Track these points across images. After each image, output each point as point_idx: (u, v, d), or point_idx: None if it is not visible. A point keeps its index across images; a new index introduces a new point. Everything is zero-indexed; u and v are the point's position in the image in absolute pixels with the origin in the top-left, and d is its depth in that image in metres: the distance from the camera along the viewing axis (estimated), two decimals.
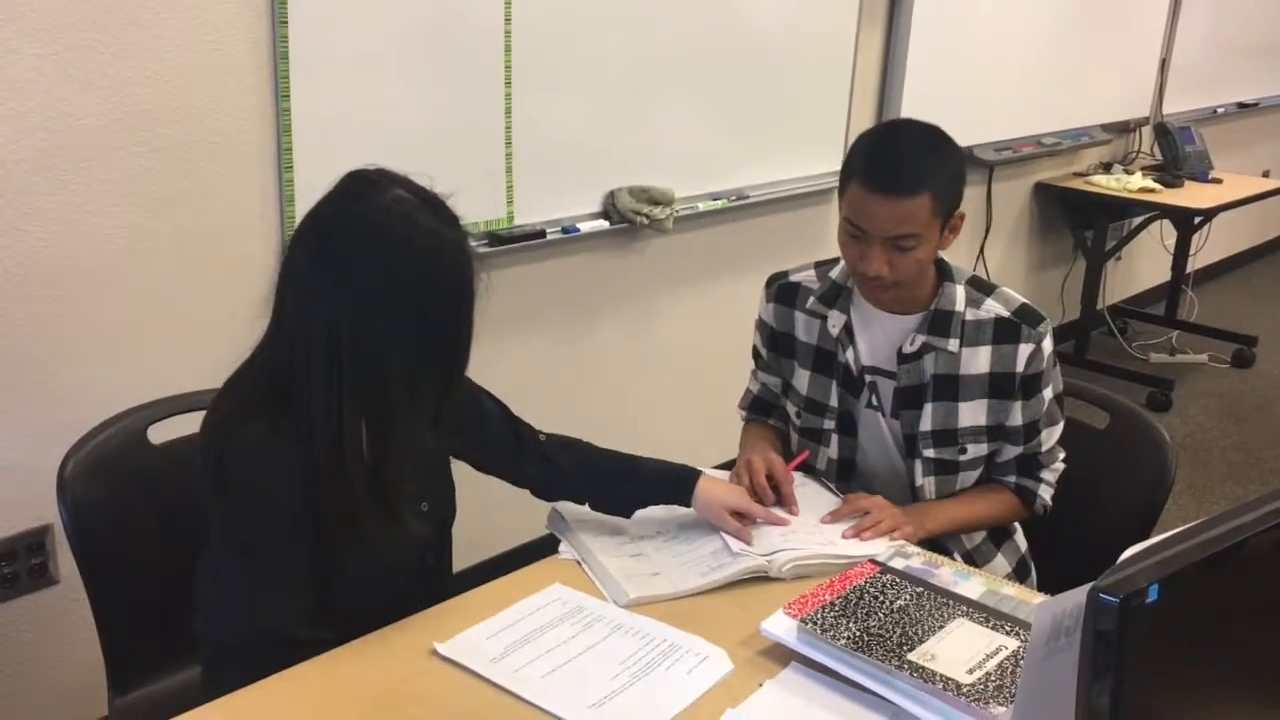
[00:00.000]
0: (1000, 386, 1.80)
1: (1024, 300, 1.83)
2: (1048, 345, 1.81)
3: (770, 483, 1.77)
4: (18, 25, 1.93)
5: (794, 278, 1.94)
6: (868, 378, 1.86)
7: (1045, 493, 1.89)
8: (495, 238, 2.71)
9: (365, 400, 1.37)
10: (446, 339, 1.40)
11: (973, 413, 1.82)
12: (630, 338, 3.25)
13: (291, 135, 2.26)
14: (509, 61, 2.63)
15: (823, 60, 3.50)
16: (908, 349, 1.81)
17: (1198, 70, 5.51)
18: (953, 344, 1.79)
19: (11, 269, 2.01)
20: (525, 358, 2.97)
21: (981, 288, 1.84)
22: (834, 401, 1.88)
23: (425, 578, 1.62)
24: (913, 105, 3.76)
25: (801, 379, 1.92)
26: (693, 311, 3.42)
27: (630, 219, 2.97)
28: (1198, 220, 4.91)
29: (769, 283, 1.97)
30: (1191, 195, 4.76)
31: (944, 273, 1.82)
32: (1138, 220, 4.95)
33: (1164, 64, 5.27)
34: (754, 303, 3.66)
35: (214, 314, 2.27)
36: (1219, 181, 5.00)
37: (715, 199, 3.27)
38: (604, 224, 2.96)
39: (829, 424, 1.90)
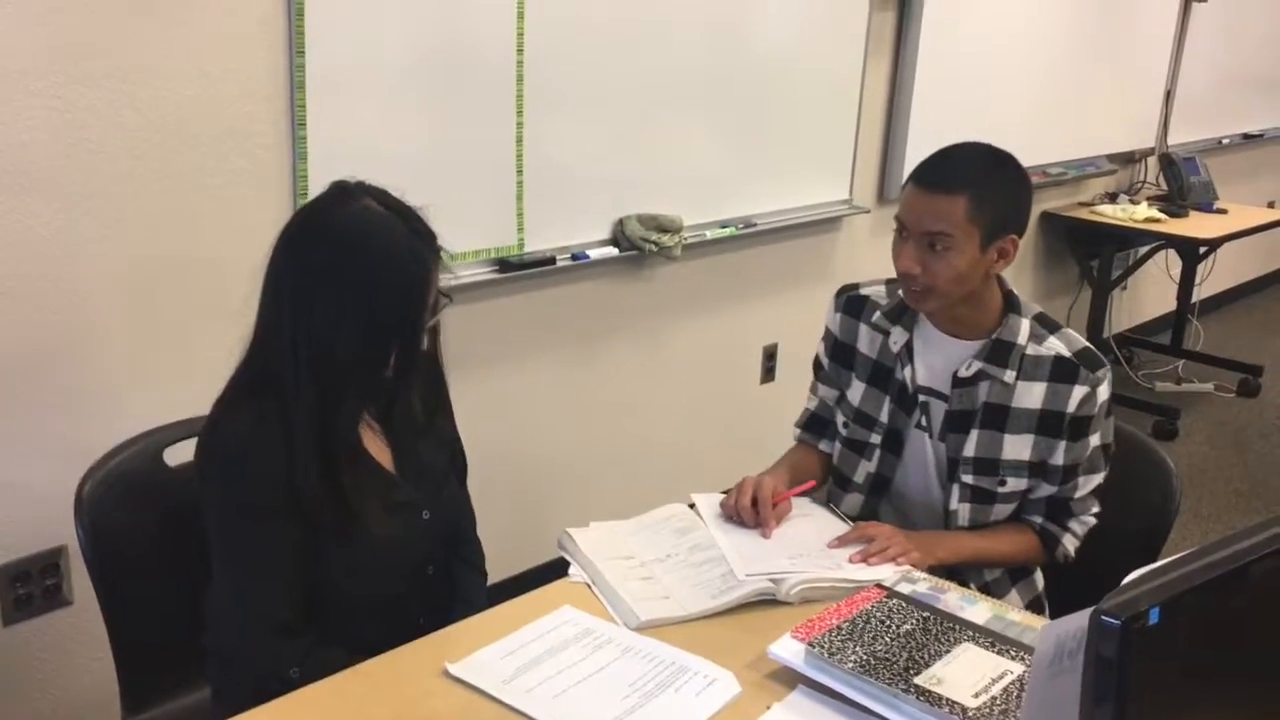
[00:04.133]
0: (1049, 424, 1.81)
1: (1087, 344, 1.84)
2: (1103, 392, 1.81)
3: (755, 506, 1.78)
4: (35, 54, 1.96)
5: (864, 291, 1.96)
6: (921, 398, 1.87)
7: (1070, 543, 1.88)
8: (506, 264, 2.74)
9: (320, 391, 1.46)
10: (394, 340, 1.48)
11: (1017, 446, 1.82)
12: (639, 364, 3.27)
13: (308, 163, 2.30)
14: (520, 91, 2.67)
15: (830, 90, 3.54)
16: (963, 373, 1.82)
17: (1203, 101, 5.55)
18: (1009, 375, 1.80)
19: (27, 292, 2.04)
20: (535, 383, 2.99)
21: (1047, 324, 1.85)
22: (884, 417, 1.90)
23: (426, 589, 1.65)
24: (919, 135, 3.79)
25: (856, 391, 1.94)
26: (700, 337, 3.44)
27: (639, 246, 3.00)
28: (1203, 250, 4.93)
29: (839, 293, 1.99)
30: (1197, 225, 4.78)
31: (1011, 305, 1.84)
32: (1143, 250, 4.97)
33: (1169, 95, 5.31)
34: (761, 329, 3.70)
35: (230, 338, 2.29)
36: (1224, 212, 5.02)
37: (723, 227, 3.30)
38: (613, 251, 2.99)
39: (875, 438, 1.91)
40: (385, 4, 2.38)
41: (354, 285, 1.45)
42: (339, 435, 1.49)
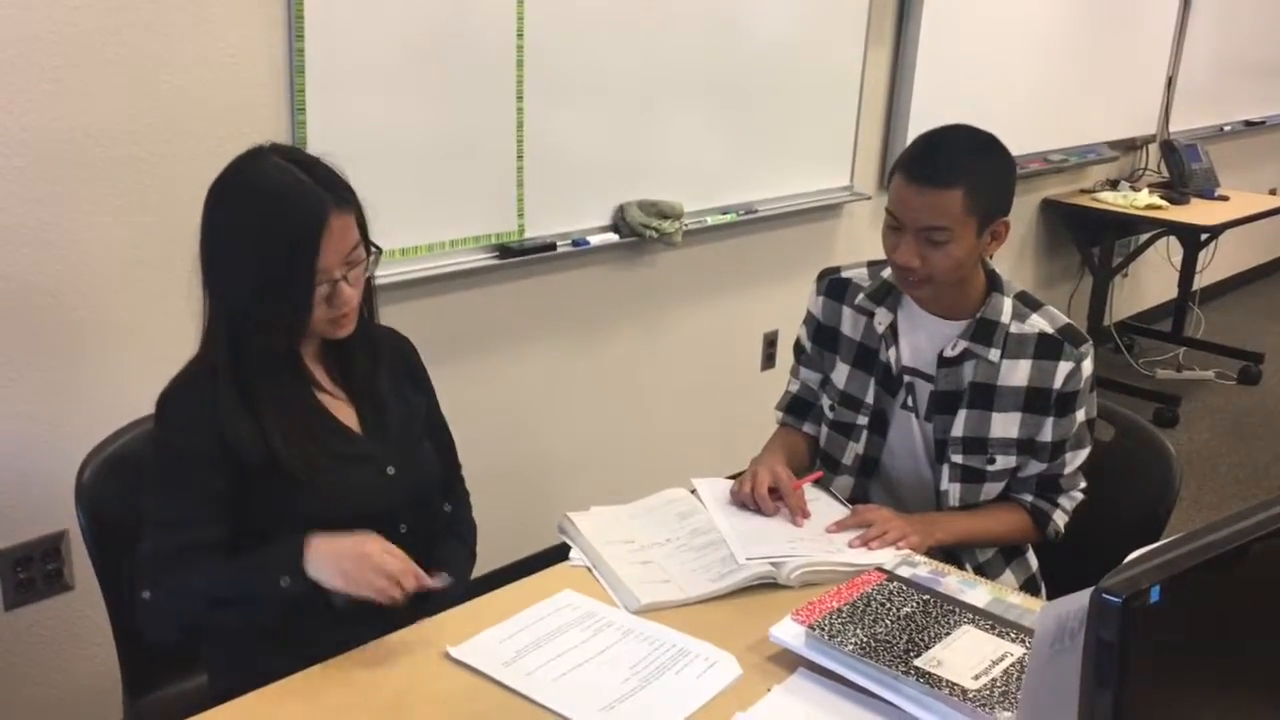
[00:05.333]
0: (1035, 401, 1.82)
1: (1069, 320, 1.86)
2: (1087, 367, 1.83)
3: (774, 495, 1.78)
4: (35, 38, 1.96)
5: (846, 273, 1.97)
6: (906, 378, 1.88)
7: (1060, 518, 1.90)
8: (506, 250, 2.74)
9: (232, 338, 1.51)
10: (289, 283, 1.49)
11: (1005, 424, 1.83)
12: (639, 350, 3.27)
13: (307, 148, 2.29)
14: (521, 76, 2.66)
15: (831, 77, 3.53)
16: (949, 353, 1.83)
17: (1204, 88, 5.54)
18: (994, 353, 1.81)
19: (28, 274, 2.04)
20: (536, 369, 2.99)
21: (1029, 303, 1.86)
22: (870, 399, 1.91)
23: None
24: (920, 123, 3.78)
25: (840, 373, 1.94)
26: (701, 324, 3.44)
27: (639, 232, 2.99)
28: (1204, 237, 4.92)
29: (820, 276, 2.00)
30: (1198, 212, 4.78)
31: (994, 283, 1.85)
32: (1144, 237, 4.97)
33: (1170, 82, 5.30)
34: (762, 315, 3.70)
35: None
36: (1225, 199, 5.01)
37: (724, 213, 3.29)
38: (613, 237, 2.99)
39: (862, 420, 1.92)
40: None
41: (246, 229, 1.50)
42: (256, 378, 1.52)
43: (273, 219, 1.48)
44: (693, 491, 1.86)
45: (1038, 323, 1.84)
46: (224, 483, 1.50)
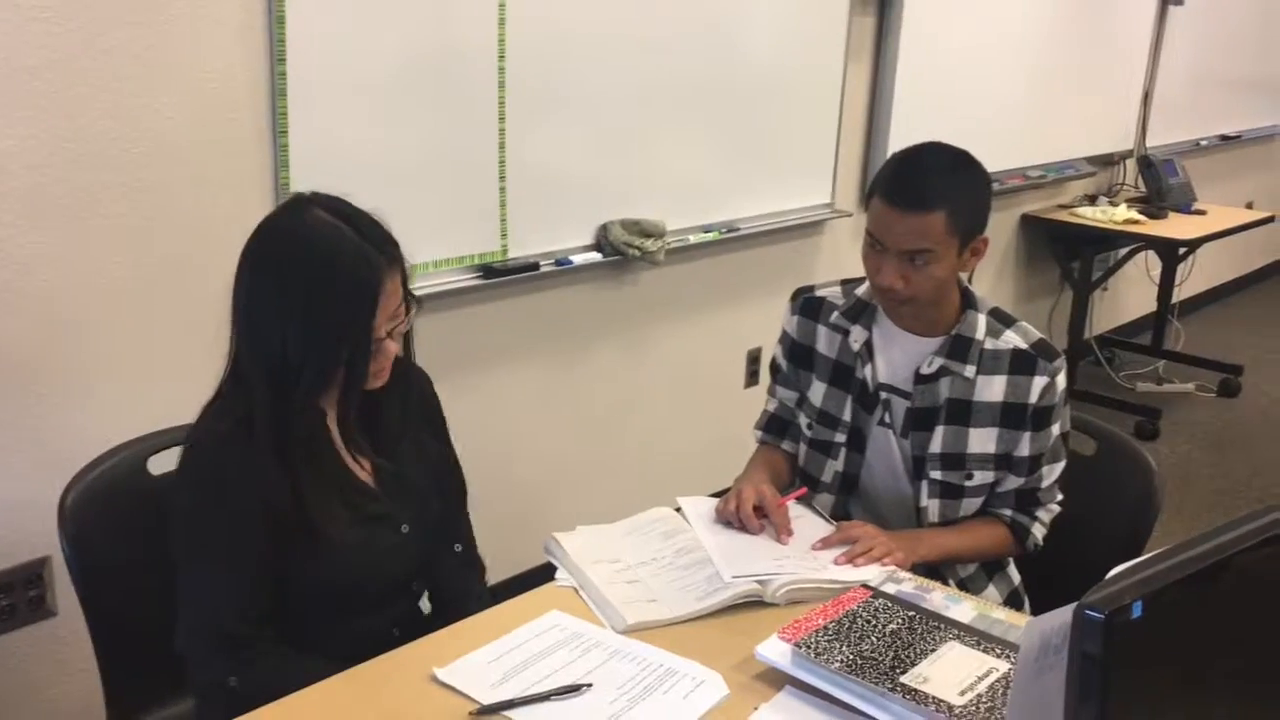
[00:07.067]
0: (1012, 416, 1.84)
1: (1042, 335, 1.87)
2: (1061, 381, 1.84)
3: (759, 513, 1.79)
4: (18, 59, 1.96)
5: (820, 292, 1.98)
6: (883, 395, 1.89)
7: (1039, 531, 1.92)
8: (490, 270, 2.74)
9: (276, 397, 1.48)
10: (344, 344, 1.48)
11: (982, 440, 1.85)
12: (623, 368, 3.28)
13: (289, 170, 2.30)
14: (503, 97, 2.67)
15: (812, 95, 3.56)
16: (925, 370, 1.84)
17: (1180, 103, 5.59)
18: (969, 370, 1.83)
19: (9, 301, 2.03)
20: (520, 389, 2.99)
21: (1003, 319, 1.88)
22: (847, 416, 1.92)
23: (407, 603, 1.67)
24: (900, 139, 3.81)
25: (817, 391, 1.95)
26: (684, 342, 3.45)
27: (623, 251, 3.00)
28: (1182, 251, 4.96)
29: (794, 296, 2.01)
30: (1175, 226, 4.82)
31: (968, 300, 1.87)
32: (1123, 251, 5.01)
33: (1147, 97, 5.35)
34: (745, 333, 3.71)
35: (213, 346, 2.28)
36: (1203, 213, 5.06)
37: (706, 231, 3.30)
38: (597, 256, 2.99)
39: (840, 437, 1.93)
40: (366, 11, 2.38)
41: (298, 291, 1.46)
42: (295, 438, 1.50)
43: (327, 283, 1.46)
44: (678, 510, 1.86)
45: (1011, 339, 1.85)
46: (265, 544, 1.49)
